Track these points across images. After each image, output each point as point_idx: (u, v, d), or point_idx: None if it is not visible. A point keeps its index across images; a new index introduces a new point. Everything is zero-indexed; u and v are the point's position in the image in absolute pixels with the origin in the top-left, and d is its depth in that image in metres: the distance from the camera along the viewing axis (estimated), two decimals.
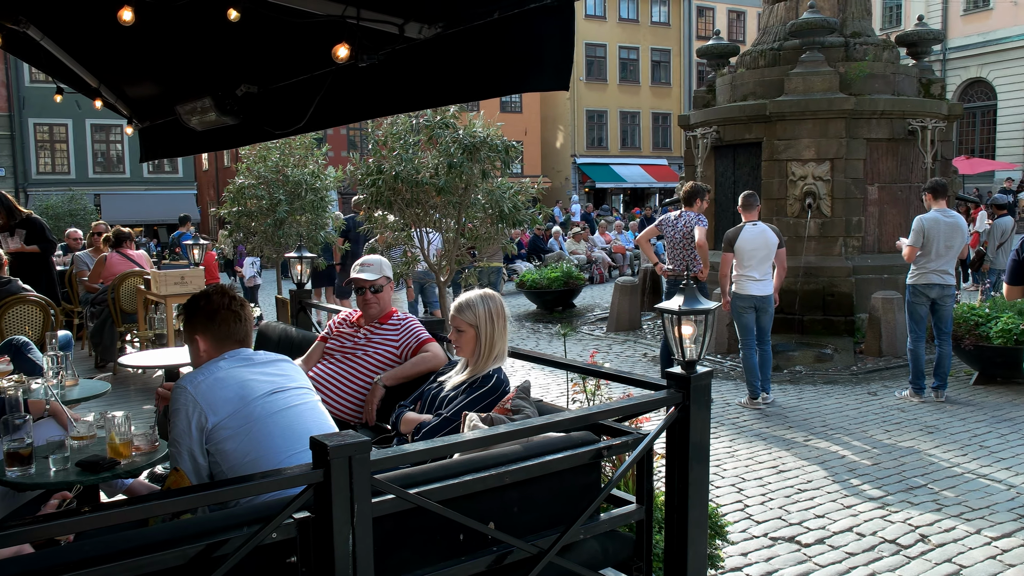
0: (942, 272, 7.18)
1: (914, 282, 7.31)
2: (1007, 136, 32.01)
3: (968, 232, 8.07)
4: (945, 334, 7.41)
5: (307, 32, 3.13)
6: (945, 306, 7.29)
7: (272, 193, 11.08)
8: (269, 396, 2.68)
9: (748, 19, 42.18)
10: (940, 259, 7.16)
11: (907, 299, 7.46)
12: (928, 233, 7.12)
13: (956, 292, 8.31)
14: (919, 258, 7.23)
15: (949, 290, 7.26)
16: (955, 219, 7.20)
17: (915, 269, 7.30)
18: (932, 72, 11.87)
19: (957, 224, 7.19)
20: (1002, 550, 4.40)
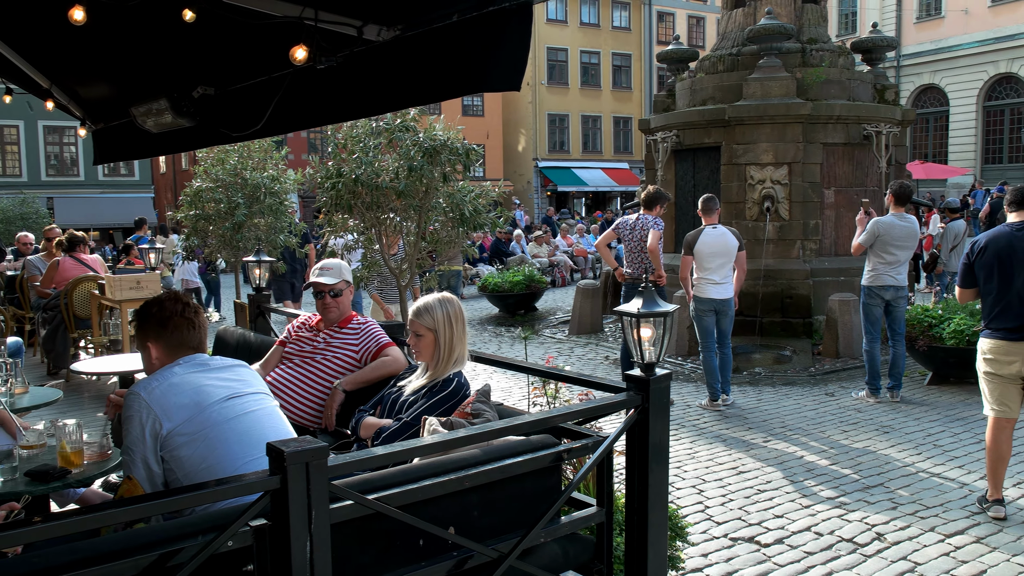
0: (895, 274, 7.32)
1: (868, 284, 7.44)
2: (959, 141, 32.74)
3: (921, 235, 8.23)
4: (899, 335, 7.55)
5: (265, 33, 3.10)
6: (898, 307, 7.43)
7: (230, 196, 10.95)
8: (225, 402, 2.64)
9: (707, 25, 42.67)
10: (894, 262, 7.30)
11: (862, 301, 7.60)
12: (881, 235, 7.24)
13: (910, 295, 8.46)
14: (874, 260, 7.36)
15: (902, 292, 7.40)
16: (911, 224, 7.34)
17: (869, 271, 7.43)
18: (886, 78, 12.10)
19: (912, 229, 7.33)
20: (955, 547, 4.49)
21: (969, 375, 5.89)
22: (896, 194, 7.37)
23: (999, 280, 4.79)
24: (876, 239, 7.27)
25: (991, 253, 4.84)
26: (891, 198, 7.42)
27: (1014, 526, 4.73)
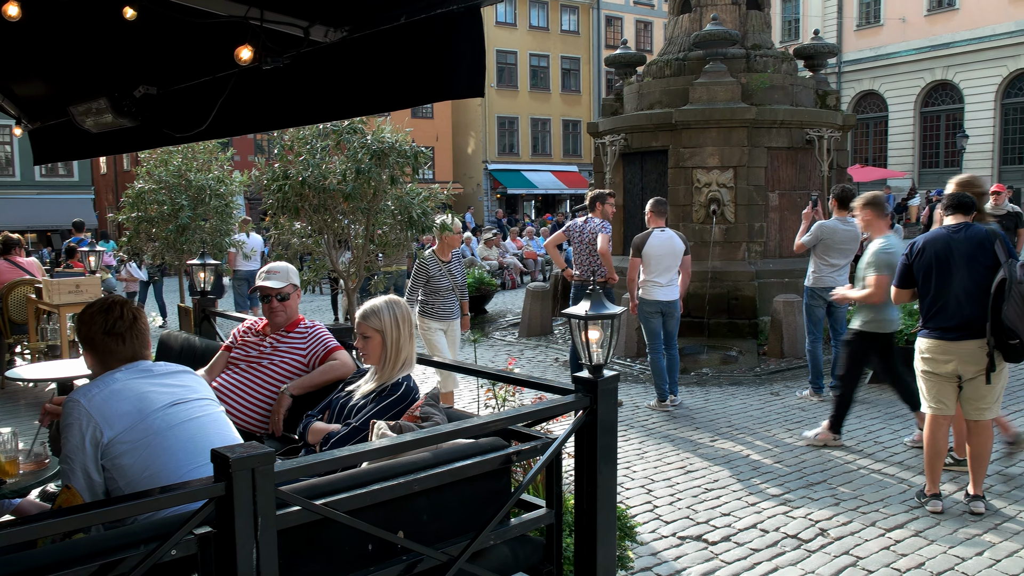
0: (837, 276, 7.49)
1: (811, 285, 7.60)
2: (897, 145, 33.64)
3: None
4: (841, 335, 7.71)
5: (209, 33, 3.05)
6: (840, 309, 7.60)
7: (174, 198, 10.73)
8: (169, 408, 2.59)
9: (655, 29, 43.17)
10: (836, 264, 7.47)
11: (805, 302, 7.76)
12: (824, 239, 7.40)
13: None
14: (816, 262, 7.52)
15: None
16: (853, 227, 7.51)
17: (812, 272, 7.59)
18: (828, 84, 12.38)
19: (854, 232, 7.50)
20: (895, 540, 4.60)
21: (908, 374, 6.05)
22: (839, 198, 7.54)
23: (936, 281, 4.93)
24: (819, 242, 7.43)
25: (929, 254, 4.98)
26: (834, 202, 7.58)
27: (951, 519, 4.87)
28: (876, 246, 6.02)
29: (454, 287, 7.22)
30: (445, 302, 7.16)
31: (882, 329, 6.12)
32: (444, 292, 7.15)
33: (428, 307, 7.16)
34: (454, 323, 7.27)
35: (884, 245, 5.98)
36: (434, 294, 7.14)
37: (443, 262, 7.22)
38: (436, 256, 7.24)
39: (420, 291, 7.18)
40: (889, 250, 5.90)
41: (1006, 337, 4.64)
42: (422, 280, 7.15)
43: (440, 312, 7.16)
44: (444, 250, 7.28)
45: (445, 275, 7.16)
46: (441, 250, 7.27)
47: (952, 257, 4.88)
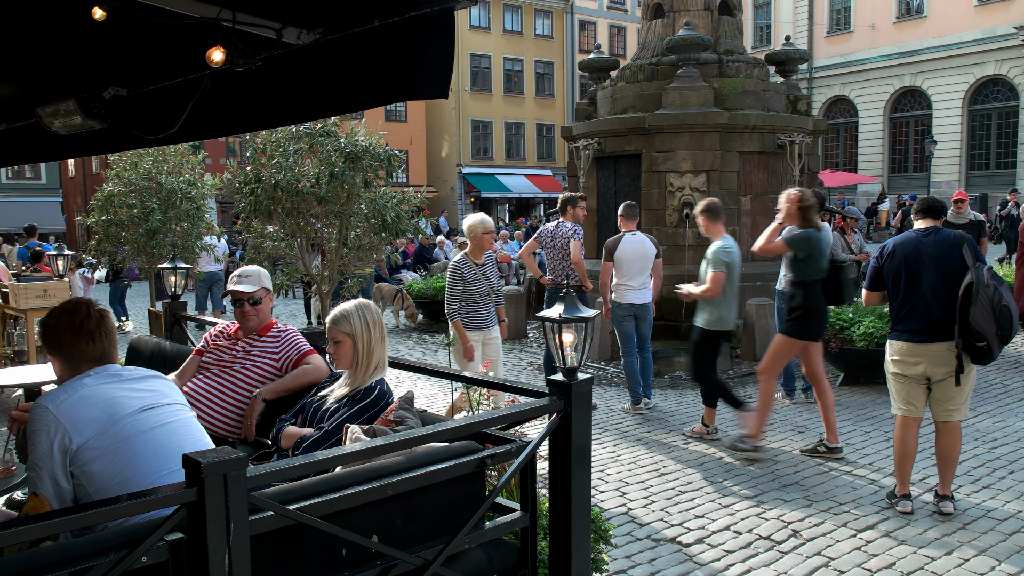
0: None
1: (784, 289, 7.65)
2: (867, 151, 34.08)
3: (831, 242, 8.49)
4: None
5: (180, 34, 3.02)
6: None
7: (144, 201, 10.62)
8: (140, 413, 2.56)
9: (628, 34, 43.40)
10: None
11: (776, 305, 7.82)
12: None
13: None
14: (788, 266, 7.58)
15: None
16: (826, 233, 7.58)
17: (784, 276, 7.64)
18: (799, 90, 12.50)
19: (828, 237, 7.56)
20: (866, 541, 4.65)
21: (879, 376, 6.12)
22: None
23: (906, 284, 4.99)
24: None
25: (899, 258, 5.05)
26: None
27: (920, 519, 4.93)
28: (714, 247, 6.45)
29: (490, 292, 6.52)
30: (481, 309, 6.46)
31: (722, 327, 6.60)
32: (480, 298, 6.44)
33: (462, 317, 6.44)
34: (492, 332, 6.58)
35: (722, 246, 6.44)
36: (469, 301, 6.43)
37: (477, 265, 6.49)
38: (469, 259, 6.51)
39: (459, 300, 6.45)
40: (727, 250, 6.46)
41: (974, 340, 4.71)
42: (459, 287, 6.41)
43: (476, 321, 6.44)
44: (477, 252, 6.54)
45: (480, 279, 6.46)
46: (474, 252, 6.54)
47: (921, 261, 4.95)
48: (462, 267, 6.44)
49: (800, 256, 6.07)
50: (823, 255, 6.10)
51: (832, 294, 6.21)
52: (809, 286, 6.06)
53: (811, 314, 6.05)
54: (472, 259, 6.50)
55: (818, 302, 6.08)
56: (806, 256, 6.04)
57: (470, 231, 6.47)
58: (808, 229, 6.07)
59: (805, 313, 6.04)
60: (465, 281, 6.39)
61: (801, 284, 6.08)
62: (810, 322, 6.08)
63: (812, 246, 6.04)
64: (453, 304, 6.41)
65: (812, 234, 6.05)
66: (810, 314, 6.05)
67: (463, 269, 6.43)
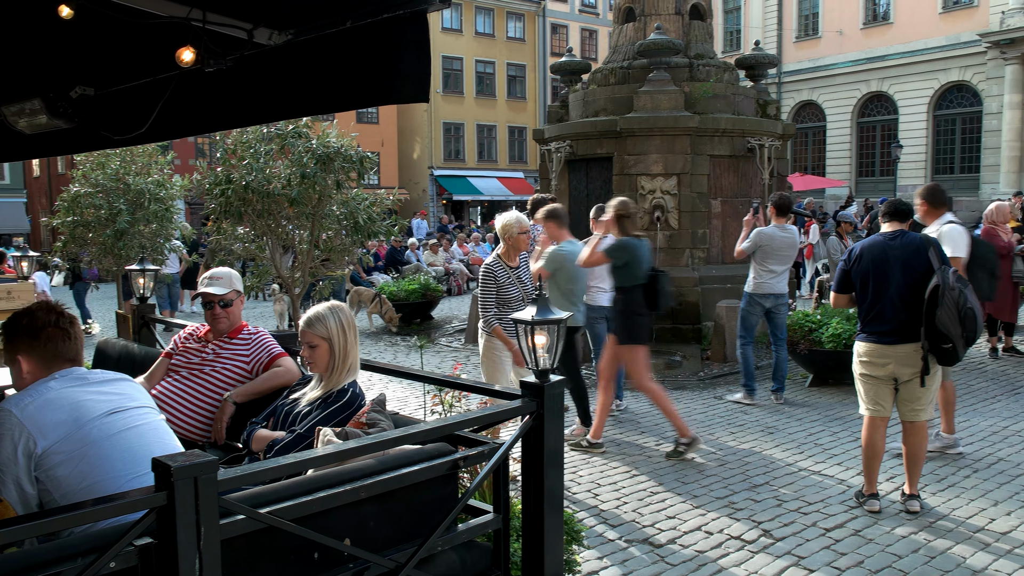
0: (776, 283, 7.65)
1: (751, 291, 7.74)
2: (835, 154, 34.51)
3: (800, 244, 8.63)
4: (780, 340, 7.88)
5: (150, 33, 2.99)
6: (780, 314, 7.76)
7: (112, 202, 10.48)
8: (107, 417, 2.53)
9: (600, 38, 43.58)
10: (775, 270, 7.62)
11: (742, 306, 7.90)
12: (763, 245, 7.55)
13: (791, 301, 8.84)
14: (756, 269, 7.67)
15: (783, 299, 7.74)
16: (791, 234, 7.68)
17: (752, 278, 7.74)
18: (768, 94, 12.63)
19: (791, 239, 7.67)
20: (835, 540, 4.71)
21: (847, 377, 6.21)
22: (777, 205, 7.70)
23: (873, 286, 5.06)
24: (758, 248, 7.58)
25: (866, 261, 5.12)
26: (772, 209, 7.74)
27: (888, 518, 4.99)
28: (551, 247, 6.65)
29: (524, 296, 6.03)
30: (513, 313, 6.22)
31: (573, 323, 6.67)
32: (514, 303, 5.96)
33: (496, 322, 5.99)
34: None
35: (558, 247, 6.58)
36: (502, 306, 5.96)
37: (511, 268, 6.07)
38: (502, 260, 6.07)
39: (494, 304, 5.99)
40: (560, 251, 6.53)
41: (939, 341, 4.79)
42: (492, 291, 5.96)
43: (509, 327, 5.87)
44: (511, 253, 6.11)
45: (514, 283, 6.02)
46: (507, 253, 6.10)
47: (888, 264, 5.03)
48: (495, 269, 6.02)
49: (618, 264, 6.31)
50: (640, 262, 6.32)
51: (649, 300, 6.39)
52: (628, 291, 6.32)
53: (631, 318, 6.30)
54: (505, 261, 6.09)
55: (639, 307, 6.32)
56: (624, 264, 6.28)
57: (504, 231, 6.08)
58: (625, 238, 6.30)
59: (626, 318, 6.33)
60: (499, 284, 5.97)
61: (621, 290, 6.38)
62: (630, 326, 6.31)
63: (629, 253, 6.26)
64: (489, 309, 5.97)
65: (628, 242, 6.28)
66: (630, 318, 6.31)
67: (496, 272, 6.00)
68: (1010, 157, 28.36)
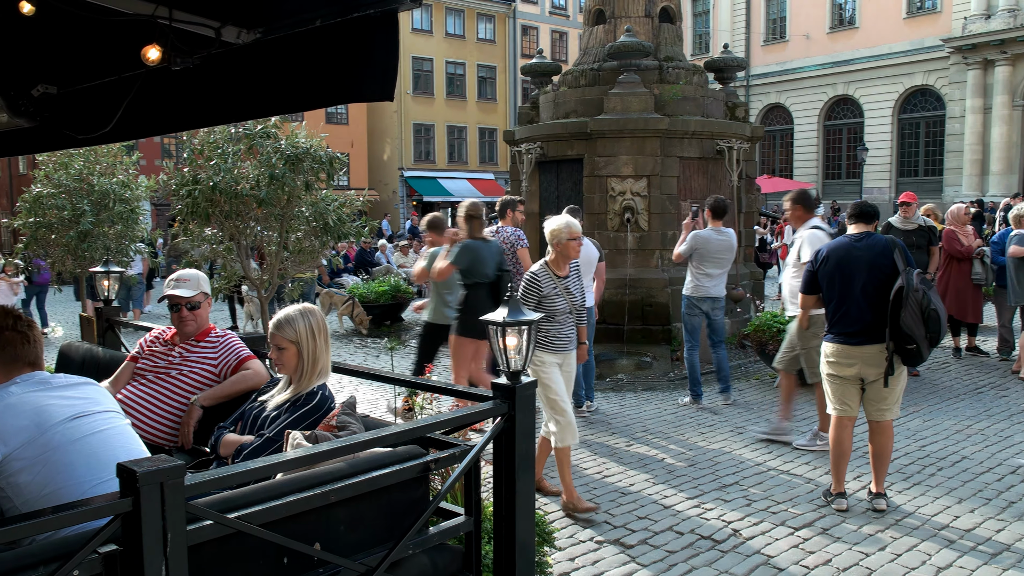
0: (712, 286, 7.72)
1: (689, 294, 7.81)
2: (803, 157, 34.92)
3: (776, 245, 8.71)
4: (719, 342, 7.97)
5: (115, 30, 2.94)
6: (717, 317, 7.84)
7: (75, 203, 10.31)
8: (70, 422, 2.48)
9: (570, 39, 43.69)
10: (712, 274, 7.69)
11: (683, 310, 7.96)
12: (699, 248, 7.61)
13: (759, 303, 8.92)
14: (693, 272, 7.73)
15: (720, 302, 7.83)
16: (727, 237, 7.74)
17: (689, 281, 7.80)
18: (737, 97, 12.73)
19: (728, 242, 7.73)
20: (804, 539, 4.75)
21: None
22: (713, 209, 7.76)
23: (840, 288, 5.12)
24: (694, 251, 7.64)
25: (833, 263, 5.18)
26: (708, 212, 7.79)
27: (855, 517, 5.05)
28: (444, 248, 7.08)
29: (572, 309, 5.50)
30: (563, 330, 5.42)
31: (442, 320, 7.14)
32: (561, 316, 5.41)
33: (539, 335, 5.33)
34: (571, 355, 5.55)
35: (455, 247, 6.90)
36: (548, 319, 5.37)
37: (559, 277, 5.46)
38: (550, 269, 5.45)
39: None
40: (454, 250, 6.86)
41: (904, 342, 4.86)
42: (533, 303, 5.35)
43: (556, 342, 5.39)
44: (560, 261, 5.49)
45: (562, 294, 5.42)
46: (556, 261, 5.48)
47: (854, 265, 5.09)
48: (540, 279, 5.37)
49: (463, 266, 6.72)
50: (483, 261, 6.71)
51: (495, 298, 6.65)
52: (472, 288, 6.74)
53: (472, 314, 6.50)
54: (553, 269, 5.45)
55: (481, 304, 6.53)
56: (467, 264, 6.70)
57: (553, 236, 5.45)
58: (468, 240, 6.72)
59: (467, 314, 6.65)
60: (542, 295, 5.34)
61: (466, 287, 6.79)
62: (470, 321, 6.54)
63: (470, 255, 6.67)
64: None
65: (468, 244, 6.68)
66: (470, 314, 6.55)
67: (541, 281, 5.37)
68: (972, 160, 28.90)
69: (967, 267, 9.30)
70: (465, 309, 6.72)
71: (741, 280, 10.83)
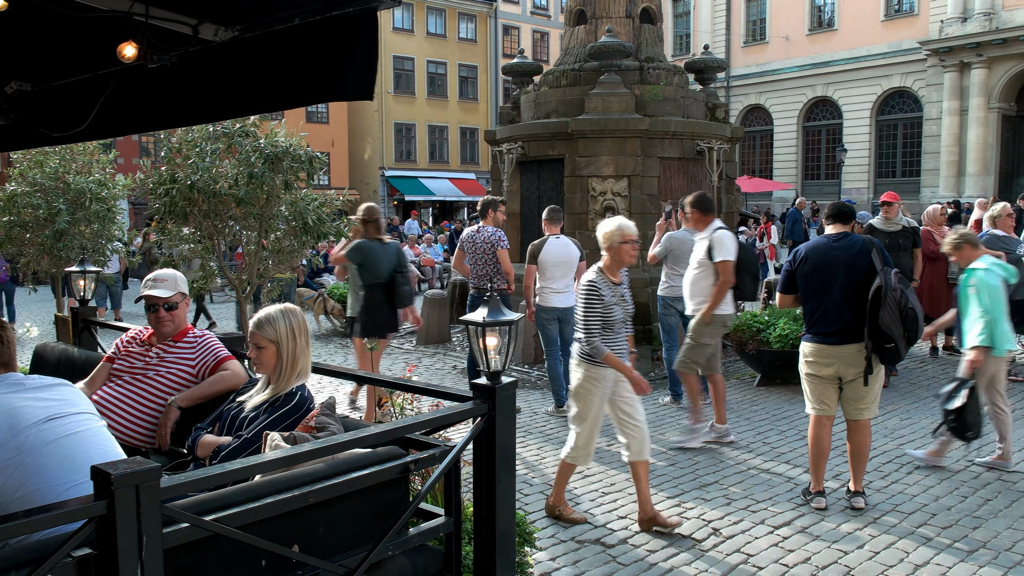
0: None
1: (663, 294, 7.83)
2: (782, 158, 35.15)
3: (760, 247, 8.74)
4: None
5: (90, 27, 2.91)
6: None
7: (51, 202, 10.19)
8: (44, 424, 2.44)
9: (551, 40, 43.75)
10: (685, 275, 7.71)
11: (658, 311, 7.98)
12: (673, 249, 7.63)
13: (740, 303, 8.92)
14: (667, 272, 7.76)
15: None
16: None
17: (664, 282, 7.82)
18: (717, 97, 12.79)
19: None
20: (783, 537, 4.78)
21: (794, 376, 6.31)
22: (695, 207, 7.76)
23: (818, 288, 5.16)
24: (668, 252, 7.66)
25: (810, 263, 5.21)
26: (683, 214, 7.80)
27: (834, 515, 5.08)
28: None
29: (626, 317, 5.11)
30: (618, 339, 5.01)
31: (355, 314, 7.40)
32: (617, 326, 4.98)
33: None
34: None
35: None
36: (606, 329, 4.93)
37: (614, 284, 5.06)
38: (606, 276, 5.04)
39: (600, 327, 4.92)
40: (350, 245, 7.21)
41: (882, 341, 4.89)
42: (598, 311, 4.90)
43: (616, 353, 4.96)
44: (614, 267, 5.11)
45: (618, 302, 5.01)
46: (611, 267, 5.10)
47: (832, 265, 5.12)
48: (600, 287, 4.96)
49: (355, 263, 7.03)
50: (377, 262, 7.00)
51: (389, 298, 7.08)
52: (369, 288, 7.02)
53: (370, 314, 6.91)
54: (609, 276, 5.06)
55: (377, 303, 6.89)
56: (359, 263, 7.01)
57: (605, 239, 5.14)
58: (362, 240, 7.01)
59: (365, 314, 6.99)
60: (604, 304, 4.93)
61: (364, 288, 7.05)
62: (368, 320, 6.95)
63: (362, 255, 6.97)
64: (594, 333, 4.89)
65: (362, 244, 6.99)
66: (369, 314, 6.93)
67: (602, 289, 4.96)
68: (949, 162, 29.20)
69: (943, 266, 9.36)
70: (363, 310, 6.99)
71: None
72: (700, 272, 6.75)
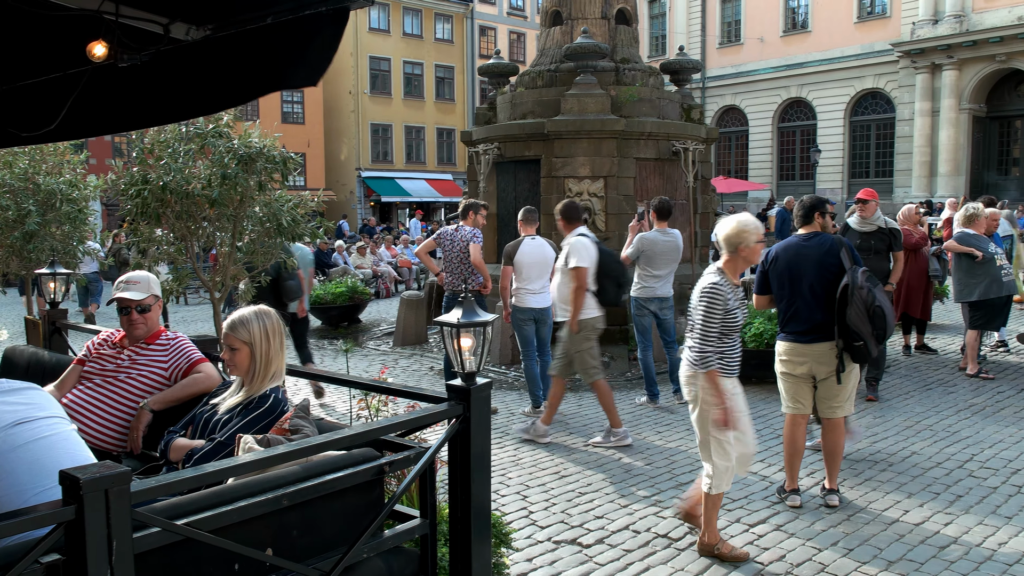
0: (660, 286, 7.80)
1: (636, 295, 7.88)
2: (757, 158, 35.41)
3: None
4: (671, 342, 8.04)
5: (60, 26, 2.87)
6: (667, 317, 7.92)
7: (20, 203, 10.03)
8: (12, 428, 2.40)
9: (528, 40, 43.81)
10: (659, 275, 7.77)
11: (632, 312, 8.03)
12: (645, 250, 7.68)
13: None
14: (640, 273, 7.81)
15: (668, 302, 7.91)
16: (674, 238, 7.83)
17: (637, 282, 7.87)
18: (692, 98, 12.86)
19: (675, 243, 7.82)
20: (758, 535, 4.81)
21: (769, 375, 6.36)
22: (658, 210, 7.84)
23: (790, 288, 5.21)
24: (641, 253, 7.71)
25: (782, 263, 5.26)
26: (654, 214, 7.87)
27: (808, 513, 5.13)
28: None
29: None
30: (736, 347, 4.60)
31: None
32: (735, 333, 4.57)
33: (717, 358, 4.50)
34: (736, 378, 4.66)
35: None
36: (725, 335, 4.49)
37: (735, 287, 4.60)
38: (728, 278, 4.57)
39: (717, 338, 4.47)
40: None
41: (851, 339, 4.95)
42: (719, 317, 4.44)
43: (732, 364, 4.57)
44: (740, 268, 4.65)
45: (740, 306, 4.57)
46: (734, 268, 4.61)
47: (802, 264, 5.17)
48: (725, 291, 4.47)
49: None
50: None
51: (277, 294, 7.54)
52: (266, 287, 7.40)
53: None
54: (732, 278, 4.60)
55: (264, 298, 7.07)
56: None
57: (737, 238, 4.55)
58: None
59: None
60: (728, 309, 4.46)
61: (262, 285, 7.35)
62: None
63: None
64: (709, 344, 4.43)
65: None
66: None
67: (727, 293, 4.47)
68: (921, 162, 29.56)
69: (921, 263, 9.37)
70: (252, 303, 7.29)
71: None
72: (562, 280, 6.91)
